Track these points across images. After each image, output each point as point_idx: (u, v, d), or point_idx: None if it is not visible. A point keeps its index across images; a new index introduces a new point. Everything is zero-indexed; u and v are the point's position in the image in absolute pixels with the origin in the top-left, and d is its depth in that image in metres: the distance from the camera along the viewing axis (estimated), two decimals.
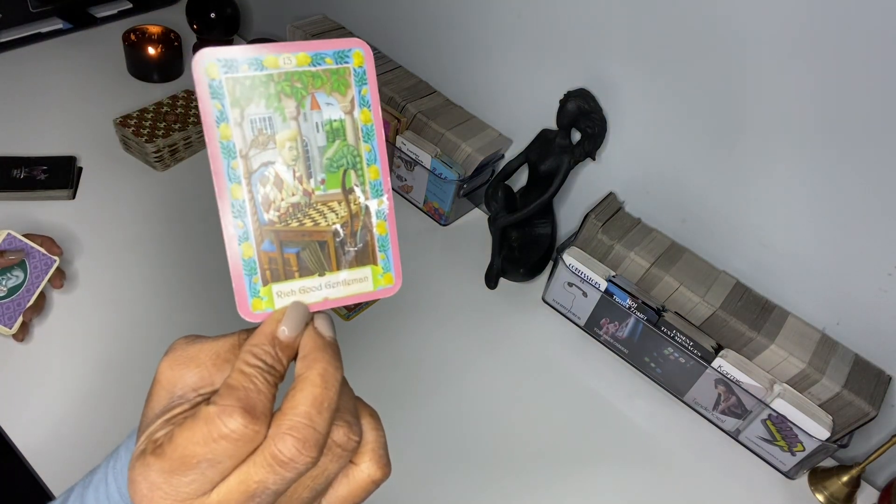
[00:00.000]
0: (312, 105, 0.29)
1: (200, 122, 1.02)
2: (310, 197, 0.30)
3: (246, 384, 0.27)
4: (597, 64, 0.86)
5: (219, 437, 0.26)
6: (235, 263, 0.29)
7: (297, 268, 0.30)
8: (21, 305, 0.73)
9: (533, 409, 0.84)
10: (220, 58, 0.28)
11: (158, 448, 0.27)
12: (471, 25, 0.97)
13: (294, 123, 0.29)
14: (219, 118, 0.28)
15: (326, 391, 0.27)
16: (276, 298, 0.30)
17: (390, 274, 0.32)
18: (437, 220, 1.05)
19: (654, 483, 0.79)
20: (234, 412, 0.26)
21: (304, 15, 1.15)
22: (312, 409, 0.27)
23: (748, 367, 0.80)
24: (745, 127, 0.78)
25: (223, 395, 0.27)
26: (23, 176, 0.92)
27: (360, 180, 0.31)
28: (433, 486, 0.73)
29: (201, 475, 0.26)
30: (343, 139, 0.30)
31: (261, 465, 0.26)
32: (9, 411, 0.70)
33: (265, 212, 0.29)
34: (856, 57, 0.67)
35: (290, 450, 0.26)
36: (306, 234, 0.30)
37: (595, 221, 0.87)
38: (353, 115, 0.30)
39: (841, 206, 0.75)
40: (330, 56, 0.29)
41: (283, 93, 0.28)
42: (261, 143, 0.28)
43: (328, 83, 0.29)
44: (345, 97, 0.30)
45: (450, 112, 1.04)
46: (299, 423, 0.26)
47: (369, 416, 0.31)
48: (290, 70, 0.28)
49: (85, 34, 1.22)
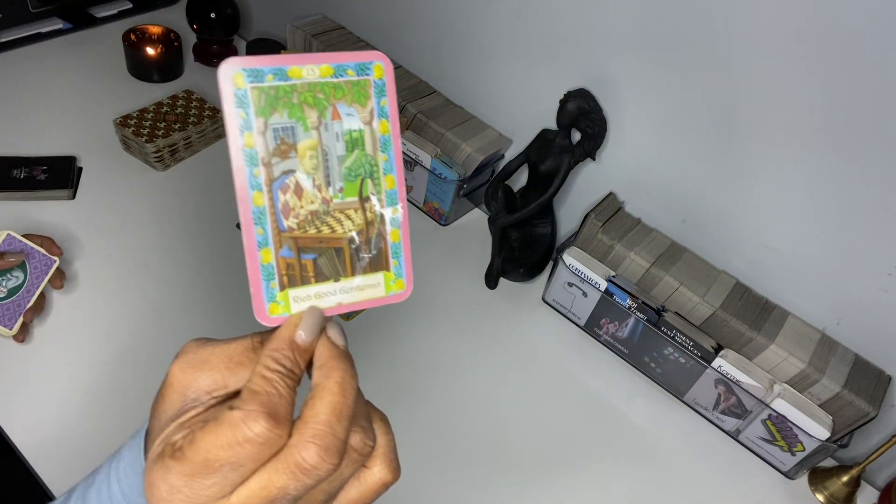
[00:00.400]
0: (333, 115, 0.30)
1: (200, 122, 1.03)
2: (328, 205, 0.30)
3: (268, 389, 0.27)
4: (597, 64, 0.86)
5: (244, 440, 0.26)
6: (254, 268, 0.30)
7: (314, 273, 0.31)
8: (21, 306, 0.73)
9: (533, 408, 0.84)
10: (246, 67, 0.28)
11: (178, 451, 0.27)
12: (471, 25, 0.97)
13: (315, 133, 0.29)
14: (243, 127, 0.28)
15: (345, 399, 0.28)
16: (292, 303, 0.30)
17: (402, 280, 0.33)
18: (437, 220, 1.05)
19: (654, 483, 0.79)
20: (259, 417, 0.26)
21: (304, 15, 1.15)
22: (333, 418, 0.28)
23: (748, 367, 0.80)
24: (745, 127, 0.78)
25: (246, 400, 0.27)
26: (23, 176, 0.92)
27: (377, 189, 0.31)
28: (432, 486, 0.73)
29: (223, 478, 0.27)
30: (362, 149, 0.31)
31: (283, 472, 0.27)
32: (9, 412, 0.70)
33: (285, 219, 0.30)
34: (856, 57, 0.67)
35: (314, 457, 0.27)
36: (323, 240, 0.31)
37: (595, 221, 0.87)
38: (371, 125, 0.31)
39: (841, 206, 0.75)
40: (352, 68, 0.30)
41: (305, 103, 0.29)
42: (282, 152, 0.29)
43: (349, 94, 0.30)
44: (364, 108, 0.30)
45: (450, 112, 1.04)
46: (321, 430, 0.27)
47: (380, 420, 0.32)
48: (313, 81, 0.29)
49: (85, 34, 1.22)
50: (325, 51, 1.08)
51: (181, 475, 0.27)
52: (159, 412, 0.30)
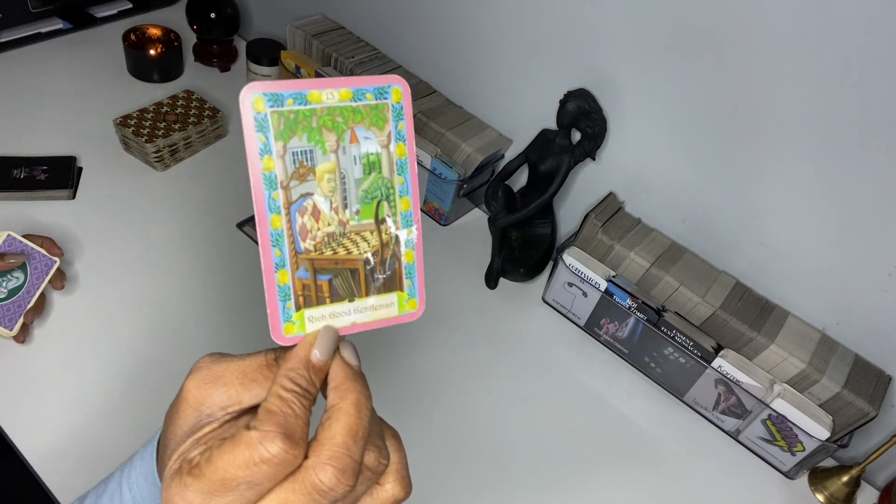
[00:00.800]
0: (352, 139, 0.30)
1: (200, 122, 1.03)
2: (344, 227, 0.31)
3: (285, 409, 0.28)
4: (597, 64, 0.86)
5: (260, 461, 0.27)
6: (271, 289, 0.30)
7: (329, 294, 0.31)
8: (21, 307, 0.73)
9: (532, 408, 0.84)
10: (267, 92, 0.28)
11: (196, 468, 0.28)
12: (471, 25, 0.97)
13: (333, 156, 0.30)
14: (262, 150, 0.29)
15: (360, 420, 0.29)
16: (307, 323, 0.31)
17: (415, 300, 0.34)
18: (437, 220, 1.05)
19: (654, 483, 0.79)
20: (276, 438, 0.27)
21: (304, 15, 1.15)
22: (349, 439, 0.28)
23: (748, 367, 0.80)
24: (745, 127, 0.78)
25: (263, 421, 0.27)
26: (23, 176, 0.92)
27: (393, 211, 0.32)
28: (431, 486, 0.73)
29: (240, 496, 0.27)
30: (378, 172, 0.31)
31: (300, 493, 0.27)
32: (9, 413, 0.70)
33: (302, 241, 0.30)
34: (857, 57, 0.67)
35: (331, 479, 0.27)
36: (339, 262, 0.31)
37: (595, 221, 0.87)
38: (389, 148, 0.31)
39: (841, 206, 0.75)
40: (371, 92, 0.30)
41: (324, 126, 0.30)
42: (301, 175, 0.29)
43: (367, 118, 0.30)
44: (382, 131, 0.31)
45: (450, 112, 1.04)
46: (338, 452, 0.28)
47: (392, 437, 0.32)
48: (332, 105, 0.30)
49: (85, 34, 1.22)
50: (325, 51, 1.08)
51: (198, 492, 0.27)
52: (174, 427, 0.30)
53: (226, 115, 1.08)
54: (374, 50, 1.12)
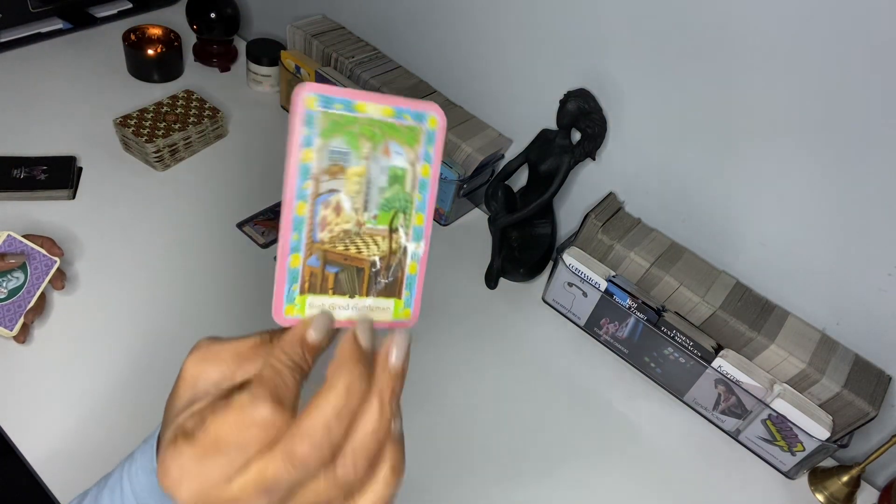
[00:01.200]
0: (384, 151, 0.33)
1: (200, 122, 1.03)
2: (360, 227, 0.33)
3: (276, 378, 0.29)
4: (597, 64, 0.86)
5: (250, 423, 0.28)
6: (282, 269, 0.32)
7: (333, 286, 0.33)
8: (22, 307, 0.73)
9: (532, 408, 0.84)
10: (322, 94, 0.31)
11: (189, 435, 0.29)
12: (471, 25, 0.97)
13: (365, 162, 0.33)
14: (304, 142, 0.31)
15: (348, 403, 0.29)
16: (307, 308, 0.33)
17: (409, 310, 0.36)
18: (437, 220, 1.05)
19: (654, 483, 0.79)
20: (266, 401, 0.28)
21: (304, 15, 1.15)
22: (332, 417, 0.29)
23: (748, 367, 0.80)
24: (745, 127, 0.78)
25: (255, 385, 0.29)
26: (23, 176, 0.92)
27: (406, 223, 0.35)
28: (430, 486, 0.73)
29: (229, 461, 0.28)
30: (401, 185, 0.34)
31: (277, 460, 0.28)
32: (10, 413, 0.70)
33: (320, 231, 0.32)
34: (857, 57, 0.67)
35: (305, 449, 0.28)
36: (349, 258, 0.33)
37: (595, 221, 0.87)
38: (415, 167, 0.34)
39: (841, 207, 0.75)
40: (410, 114, 0.33)
41: (363, 135, 0.32)
42: (332, 172, 0.32)
43: (402, 136, 0.33)
44: (412, 150, 0.34)
45: (450, 112, 1.04)
46: (317, 425, 0.28)
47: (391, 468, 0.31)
48: (374, 117, 0.32)
49: (85, 34, 1.22)
50: (325, 51, 1.08)
51: (192, 457, 0.28)
52: (173, 403, 0.32)
53: (226, 115, 1.09)
54: (375, 50, 1.12)
